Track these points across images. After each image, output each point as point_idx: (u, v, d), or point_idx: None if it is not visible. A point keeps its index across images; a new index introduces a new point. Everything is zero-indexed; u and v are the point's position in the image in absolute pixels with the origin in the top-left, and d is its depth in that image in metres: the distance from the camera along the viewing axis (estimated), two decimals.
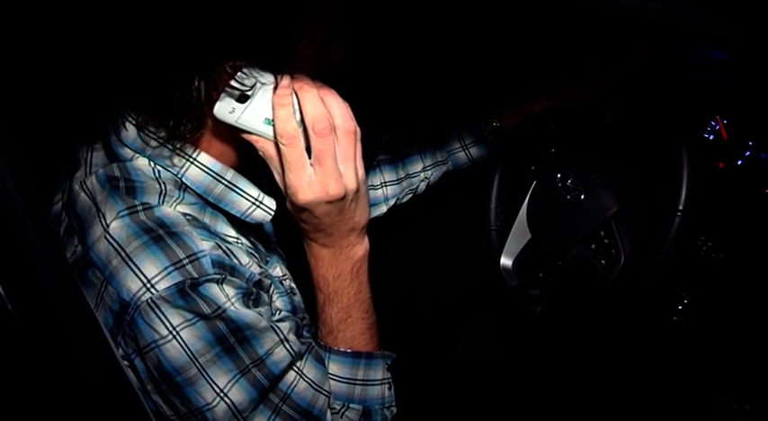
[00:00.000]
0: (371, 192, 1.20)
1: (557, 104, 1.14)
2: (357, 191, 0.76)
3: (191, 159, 0.78)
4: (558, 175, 1.13)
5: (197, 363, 0.70)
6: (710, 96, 1.09)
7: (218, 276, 0.72)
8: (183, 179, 0.78)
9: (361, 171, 0.76)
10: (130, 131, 0.77)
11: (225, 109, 0.73)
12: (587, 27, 1.14)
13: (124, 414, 0.62)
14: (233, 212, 0.81)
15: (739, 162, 1.04)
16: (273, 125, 0.73)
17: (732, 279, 1.07)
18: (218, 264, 0.73)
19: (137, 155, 0.78)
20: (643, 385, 1.26)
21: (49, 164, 0.84)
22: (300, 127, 0.72)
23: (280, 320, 0.81)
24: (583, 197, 1.08)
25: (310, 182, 0.73)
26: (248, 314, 0.74)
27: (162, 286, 0.69)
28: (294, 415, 0.77)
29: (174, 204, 0.76)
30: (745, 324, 1.10)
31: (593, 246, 1.07)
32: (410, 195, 1.23)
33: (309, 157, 0.73)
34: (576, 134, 1.21)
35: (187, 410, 0.72)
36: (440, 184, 1.26)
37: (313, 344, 0.84)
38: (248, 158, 0.83)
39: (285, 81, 0.72)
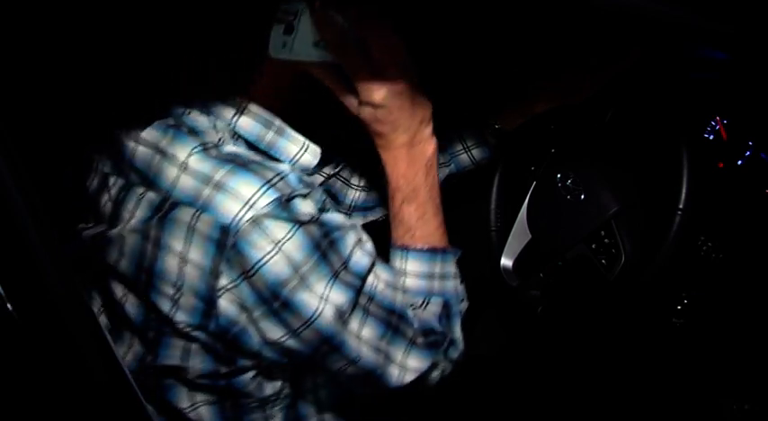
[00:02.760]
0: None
1: (557, 105, 1.14)
2: (416, 79, 0.80)
3: (241, 109, 0.80)
4: (558, 175, 1.13)
5: (299, 274, 0.72)
6: (710, 96, 1.10)
7: (306, 191, 0.75)
8: (236, 128, 0.80)
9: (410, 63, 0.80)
10: (181, 90, 0.80)
11: (277, 45, 0.75)
12: (587, 25, 1.14)
13: (125, 414, 0.62)
14: (282, 159, 0.83)
15: (739, 162, 1.04)
16: (322, 45, 0.76)
17: (732, 279, 1.07)
18: (300, 180, 0.76)
19: (189, 109, 0.79)
20: (643, 385, 1.26)
21: (49, 164, 0.84)
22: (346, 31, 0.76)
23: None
24: (583, 197, 1.08)
25: (376, 78, 0.77)
26: (336, 216, 0.77)
27: (262, 203, 0.70)
28: (381, 313, 0.80)
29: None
30: (744, 324, 1.11)
31: (593, 246, 1.07)
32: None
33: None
34: (575, 134, 1.21)
35: (299, 324, 0.73)
36: (440, 185, 1.26)
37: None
38: (291, 108, 0.86)
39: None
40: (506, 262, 1.23)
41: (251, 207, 0.70)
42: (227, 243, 0.70)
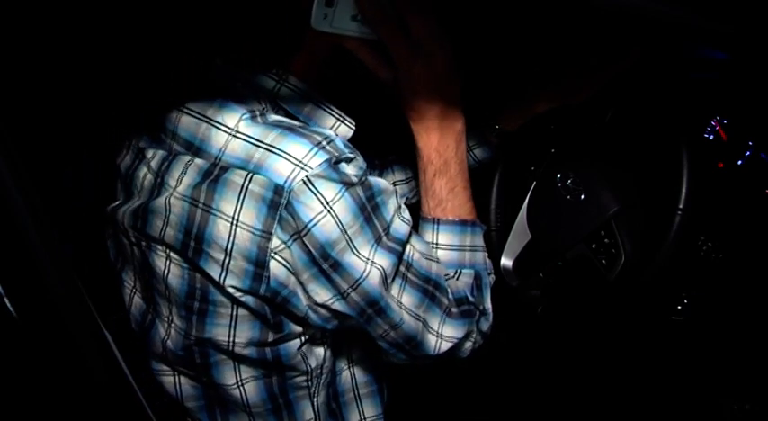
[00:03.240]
0: None
1: (557, 105, 1.14)
2: (450, 54, 0.82)
3: (282, 80, 0.82)
4: (558, 175, 1.13)
5: (346, 235, 0.73)
6: (710, 96, 1.10)
7: (352, 155, 0.76)
8: (277, 99, 0.82)
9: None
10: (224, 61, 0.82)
11: (319, 17, 0.76)
12: (587, 25, 1.14)
13: (125, 413, 0.62)
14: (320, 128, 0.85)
15: (739, 162, 1.04)
16: (360, 18, 0.77)
17: (732, 279, 1.07)
18: (345, 145, 0.77)
19: (233, 81, 0.81)
20: (643, 385, 1.26)
21: (49, 164, 0.84)
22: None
23: None
24: (583, 197, 1.08)
25: (413, 51, 0.79)
26: (379, 180, 0.79)
27: (314, 163, 0.72)
28: (418, 281, 0.82)
29: None
30: (744, 324, 1.11)
31: (593, 246, 1.06)
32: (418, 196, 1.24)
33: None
34: (576, 134, 1.21)
35: (347, 286, 0.75)
36: None
37: None
38: (326, 83, 0.87)
39: None
40: (506, 262, 1.23)
41: (303, 167, 0.71)
42: (280, 203, 0.71)
